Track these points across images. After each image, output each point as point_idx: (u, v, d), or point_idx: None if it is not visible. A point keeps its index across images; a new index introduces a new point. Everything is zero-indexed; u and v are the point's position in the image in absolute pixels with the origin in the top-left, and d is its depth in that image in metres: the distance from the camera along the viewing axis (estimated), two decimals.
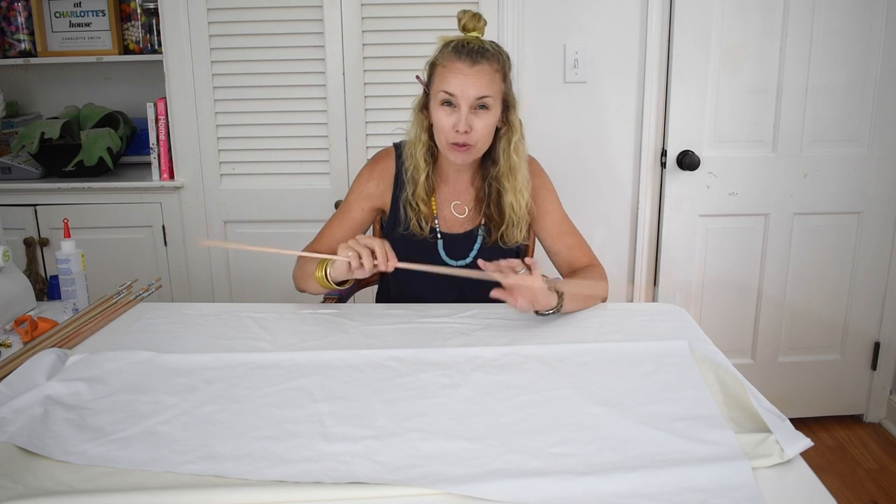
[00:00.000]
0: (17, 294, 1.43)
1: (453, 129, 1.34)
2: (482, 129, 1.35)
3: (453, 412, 1.02)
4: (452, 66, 1.33)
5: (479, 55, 1.33)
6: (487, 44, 1.36)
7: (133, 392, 1.08)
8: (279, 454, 0.91)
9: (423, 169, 1.44)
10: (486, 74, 1.33)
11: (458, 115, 1.33)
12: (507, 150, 1.42)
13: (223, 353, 1.19)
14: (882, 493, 2.07)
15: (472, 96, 1.33)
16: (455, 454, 0.91)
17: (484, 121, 1.35)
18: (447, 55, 1.35)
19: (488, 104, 1.34)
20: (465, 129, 1.33)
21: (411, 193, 1.45)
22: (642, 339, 1.25)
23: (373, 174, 1.51)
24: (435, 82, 1.37)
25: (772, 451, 0.89)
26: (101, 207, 2.23)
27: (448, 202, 1.50)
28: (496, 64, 1.35)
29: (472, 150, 1.37)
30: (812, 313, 2.35)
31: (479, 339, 1.26)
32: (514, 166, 1.42)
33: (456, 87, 1.33)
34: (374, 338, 1.27)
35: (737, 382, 1.07)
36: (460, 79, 1.32)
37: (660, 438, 0.94)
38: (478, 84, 1.32)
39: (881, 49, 2.14)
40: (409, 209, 1.46)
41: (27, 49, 2.38)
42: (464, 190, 1.50)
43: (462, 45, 1.34)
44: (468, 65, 1.32)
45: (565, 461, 0.89)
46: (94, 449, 0.92)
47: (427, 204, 1.46)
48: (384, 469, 0.88)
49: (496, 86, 1.35)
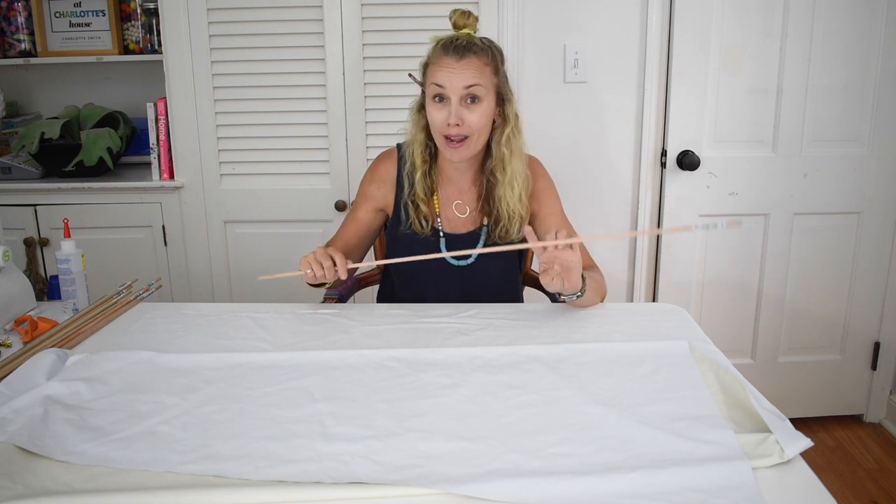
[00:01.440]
0: (17, 294, 1.44)
1: (445, 122, 1.36)
2: (474, 120, 1.36)
3: (453, 412, 1.02)
4: (441, 62, 1.35)
5: (467, 50, 1.35)
6: (477, 39, 1.38)
7: (133, 392, 1.08)
8: (279, 454, 0.91)
9: (420, 167, 1.45)
10: (473, 66, 1.35)
11: (449, 108, 1.35)
12: (498, 143, 1.43)
13: (223, 353, 1.19)
14: (882, 493, 2.07)
15: (460, 86, 1.34)
16: (455, 454, 0.91)
17: (475, 113, 1.36)
18: (437, 53, 1.37)
19: (478, 94, 1.35)
20: (455, 121, 1.34)
21: (409, 193, 1.46)
22: (642, 339, 1.25)
23: (374, 177, 1.53)
24: (427, 80, 1.39)
25: (772, 451, 0.89)
26: (101, 207, 2.23)
27: (450, 202, 1.50)
28: (485, 57, 1.37)
29: (468, 143, 1.38)
30: (812, 313, 2.35)
31: (479, 338, 1.26)
32: (504, 159, 1.42)
33: (444, 79, 1.34)
34: (374, 338, 1.27)
35: (737, 382, 1.07)
36: (447, 71, 1.34)
37: (660, 438, 0.94)
38: (465, 75, 1.34)
39: (881, 49, 2.14)
40: (409, 209, 1.46)
41: (27, 49, 2.38)
42: (466, 190, 1.50)
43: (450, 41, 1.37)
44: (456, 59, 1.34)
45: (565, 461, 0.89)
46: (94, 449, 0.92)
47: (426, 203, 1.47)
48: (384, 469, 0.88)
49: (486, 77, 1.36)
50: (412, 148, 1.46)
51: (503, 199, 1.43)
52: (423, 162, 1.46)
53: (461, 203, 1.50)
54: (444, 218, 1.50)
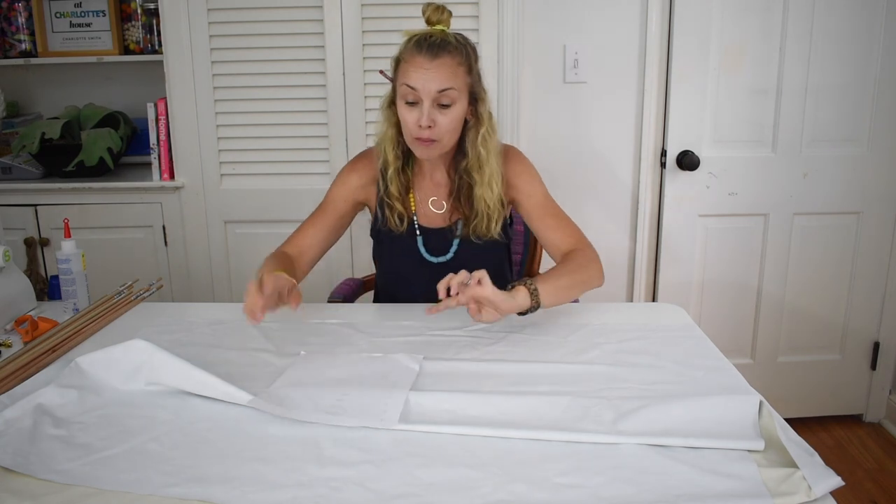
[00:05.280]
0: (18, 294, 1.44)
1: (416, 124, 1.32)
2: (446, 124, 1.33)
3: (457, 435, 0.95)
4: (413, 61, 1.31)
5: (441, 48, 1.30)
6: (451, 36, 1.33)
7: (126, 405, 1.05)
8: (269, 478, 0.87)
9: (393, 164, 1.42)
10: (447, 67, 1.30)
11: (420, 109, 1.31)
12: (474, 143, 1.39)
13: (223, 367, 1.15)
14: (882, 493, 2.07)
15: (433, 90, 1.30)
16: (455, 482, 0.85)
17: (448, 116, 1.32)
18: (409, 50, 1.32)
19: (451, 97, 1.32)
20: (427, 123, 1.31)
21: (384, 190, 1.44)
22: (706, 394, 1.05)
23: (355, 167, 1.50)
24: (398, 77, 1.35)
25: (798, 488, 0.81)
26: (101, 207, 2.24)
27: (426, 197, 1.48)
28: (459, 56, 1.32)
29: (437, 144, 1.35)
30: (812, 313, 2.35)
31: (489, 353, 1.20)
32: (481, 159, 1.39)
33: (417, 81, 1.30)
34: (380, 349, 1.23)
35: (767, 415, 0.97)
36: (420, 73, 1.30)
37: (676, 470, 0.87)
38: (438, 77, 1.30)
39: (881, 49, 2.14)
40: (385, 206, 1.45)
41: (28, 49, 2.38)
42: (441, 184, 1.48)
43: (424, 38, 1.32)
44: (429, 59, 1.30)
45: (573, 493, 0.83)
46: (78, 468, 0.89)
47: (401, 200, 1.45)
48: (378, 498, 0.83)
49: (459, 79, 1.32)
50: (384, 144, 1.43)
51: (481, 198, 1.41)
52: (396, 158, 1.42)
53: (437, 199, 1.48)
54: (420, 213, 1.47)
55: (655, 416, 0.97)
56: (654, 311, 1.43)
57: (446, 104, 1.32)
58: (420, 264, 1.47)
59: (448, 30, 1.35)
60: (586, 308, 1.42)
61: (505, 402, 1.03)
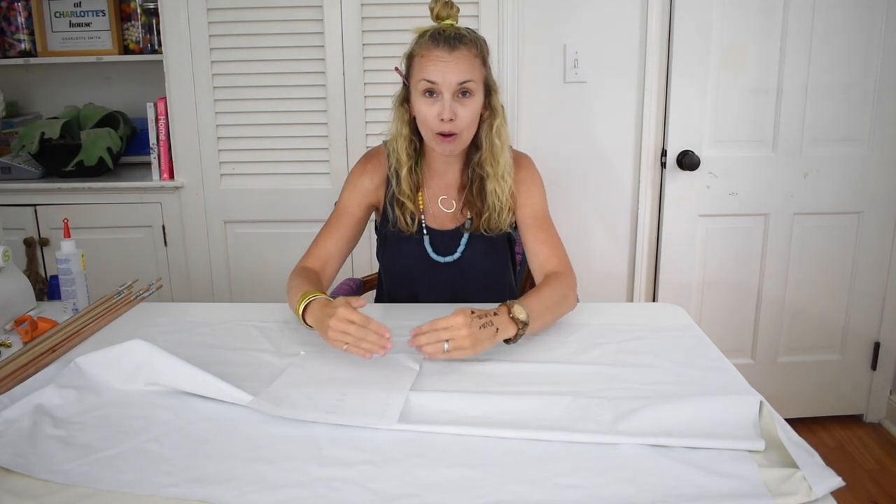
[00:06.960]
0: (17, 294, 1.43)
1: (437, 118, 1.32)
2: (467, 116, 1.33)
3: (456, 435, 0.95)
4: (431, 55, 1.31)
5: (457, 41, 1.31)
6: (463, 30, 1.34)
7: (126, 405, 1.04)
8: (268, 478, 0.87)
9: (406, 163, 1.42)
10: (465, 59, 1.31)
11: (441, 103, 1.31)
12: (489, 135, 1.39)
13: (223, 367, 1.14)
14: (882, 493, 2.07)
15: (454, 82, 1.30)
16: (455, 482, 0.85)
17: (468, 107, 1.33)
18: (424, 44, 1.32)
19: (471, 89, 1.32)
20: (449, 116, 1.30)
21: (396, 190, 1.43)
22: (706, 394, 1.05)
23: (366, 169, 1.49)
24: (414, 73, 1.34)
25: (798, 488, 0.81)
26: (101, 207, 2.24)
27: (436, 197, 1.48)
28: (475, 49, 1.33)
29: (459, 138, 1.35)
30: (812, 313, 2.35)
31: (489, 353, 1.20)
32: (496, 150, 1.40)
33: (436, 74, 1.30)
34: None
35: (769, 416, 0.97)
36: (440, 66, 1.30)
37: (676, 471, 0.87)
38: (458, 69, 1.30)
39: (881, 49, 2.14)
40: (395, 206, 1.44)
41: (27, 49, 2.38)
42: (452, 184, 1.47)
43: (438, 32, 1.32)
44: (447, 51, 1.30)
45: (572, 494, 0.83)
46: (78, 468, 0.89)
47: (412, 199, 1.44)
48: (378, 498, 0.83)
49: (477, 70, 1.33)
50: (396, 143, 1.42)
51: (494, 192, 1.41)
52: (409, 157, 1.42)
53: (447, 198, 1.48)
54: (428, 214, 1.47)
55: (655, 417, 0.97)
56: (655, 311, 1.43)
57: (466, 96, 1.32)
58: (426, 264, 1.47)
59: (457, 24, 1.36)
60: (586, 308, 1.42)
61: (505, 402, 1.03)
